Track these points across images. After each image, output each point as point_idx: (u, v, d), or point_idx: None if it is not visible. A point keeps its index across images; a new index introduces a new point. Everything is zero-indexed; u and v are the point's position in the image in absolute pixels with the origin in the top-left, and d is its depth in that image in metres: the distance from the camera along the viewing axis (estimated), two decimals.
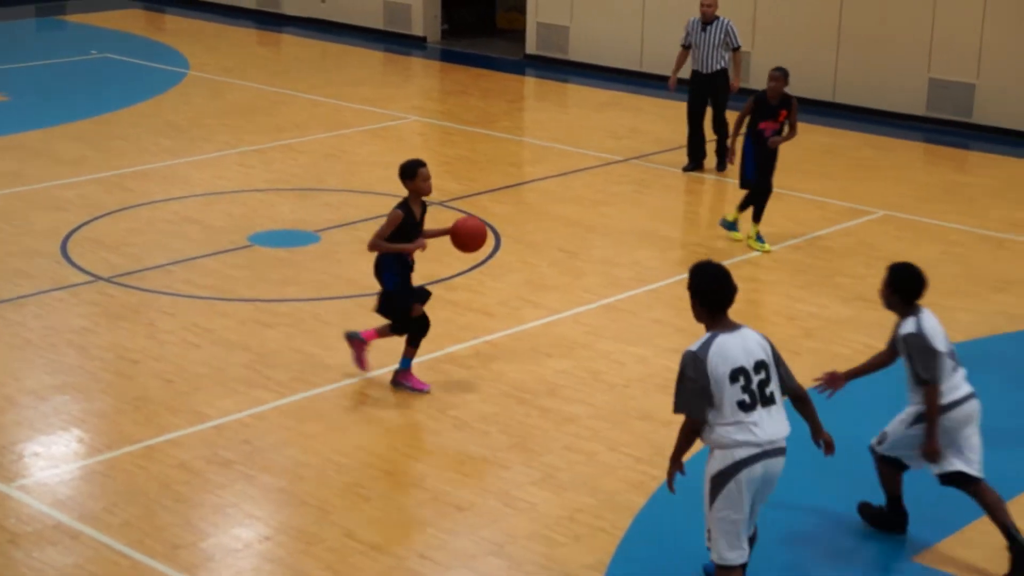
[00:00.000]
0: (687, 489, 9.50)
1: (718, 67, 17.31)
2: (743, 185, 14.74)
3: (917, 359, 8.42)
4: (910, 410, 8.60)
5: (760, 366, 7.54)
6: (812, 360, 11.72)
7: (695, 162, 17.62)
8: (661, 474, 9.65)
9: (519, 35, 25.42)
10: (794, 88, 21.09)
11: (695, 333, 12.32)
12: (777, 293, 13.37)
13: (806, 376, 11.28)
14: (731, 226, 14.85)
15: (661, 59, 22.71)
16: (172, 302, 12.82)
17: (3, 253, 14.10)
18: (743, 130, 14.64)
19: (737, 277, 13.76)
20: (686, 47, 17.48)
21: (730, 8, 21.87)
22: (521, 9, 25.32)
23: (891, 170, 17.91)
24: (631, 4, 23.09)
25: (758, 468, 7.49)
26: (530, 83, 23.73)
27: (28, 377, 11.25)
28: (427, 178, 10.80)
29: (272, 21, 27.87)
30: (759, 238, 14.69)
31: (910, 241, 15.03)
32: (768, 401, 7.52)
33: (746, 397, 7.47)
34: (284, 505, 9.33)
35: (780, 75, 14.42)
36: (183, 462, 9.83)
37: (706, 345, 7.57)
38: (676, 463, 7.78)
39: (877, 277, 13.61)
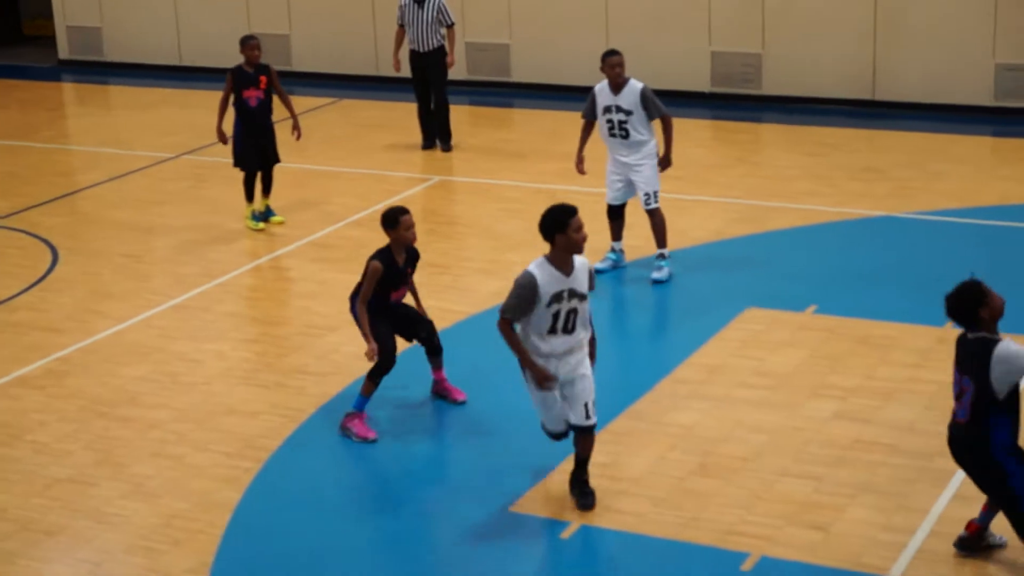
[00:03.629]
0: (284, 477, 9.49)
1: (434, 45, 17.24)
2: (236, 163, 14.81)
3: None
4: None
5: None
6: None
7: (428, 140, 17.62)
8: (253, 466, 9.61)
9: (49, 41, 24.61)
10: (337, 65, 21.37)
11: (269, 322, 12.35)
12: (346, 271, 13.41)
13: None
14: (264, 216, 14.89)
15: (200, 51, 22.48)
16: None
17: None
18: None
19: (301, 259, 13.83)
20: (401, 26, 17.33)
21: None
22: (48, 14, 24.50)
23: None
24: None
25: None
26: (68, 89, 23.03)
27: None
28: (410, 226, 9.86)
29: None
30: (262, 214, 14.86)
31: (469, 204, 15.39)
32: None
33: None
34: None
35: (257, 41, 14.65)
36: None
37: None
38: None
39: (441, 242, 13.98)
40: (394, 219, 9.81)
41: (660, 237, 12.75)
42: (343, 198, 15.66)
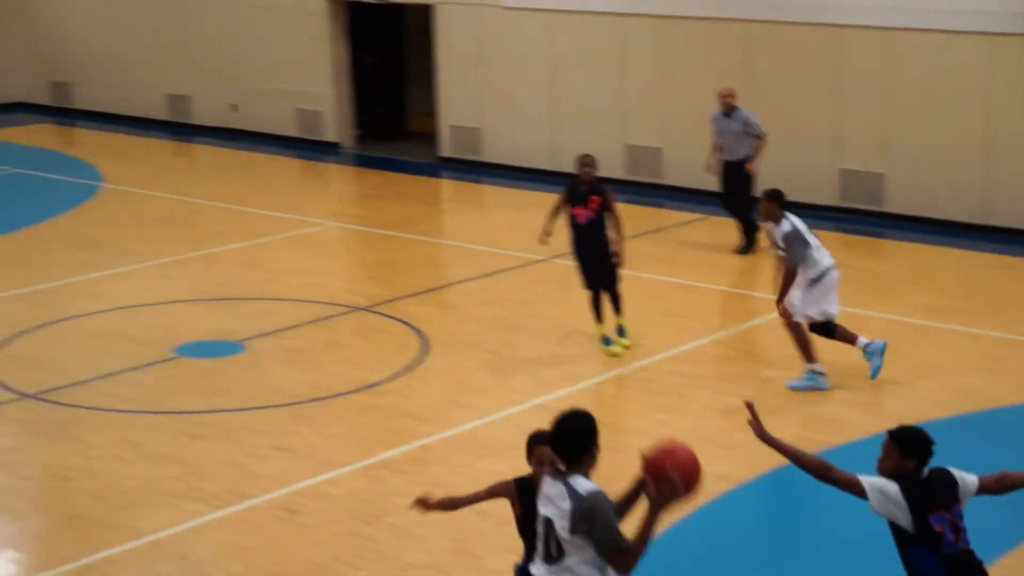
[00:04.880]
0: None
1: (741, 155, 18.18)
2: (584, 282, 14.52)
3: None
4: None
5: None
6: (746, 452, 11.78)
7: (747, 244, 18.56)
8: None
9: (431, 138, 25.58)
10: (707, 182, 21.44)
11: (624, 429, 12.41)
12: (706, 387, 13.44)
13: (742, 470, 11.38)
14: (608, 341, 14.44)
15: (574, 158, 22.93)
16: (100, 417, 12.67)
17: None
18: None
19: (663, 372, 13.89)
20: (716, 137, 18.56)
21: (641, 101, 22.19)
22: (432, 112, 25.50)
23: None
24: (540, 105, 23.32)
25: None
26: (445, 185, 23.86)
27: None
28: (543, 461, 7.67)
29: (184, 131, 27.88)
30: (620, 331, 14.47)
31: None
32: None
33: None
34: None
35: (590, 160, 14.40)
36: None
37: None
38: None
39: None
40: (529, 450, 8.07)
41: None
42: (705, 314, 15.69)
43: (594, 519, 6.64)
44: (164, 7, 28.22)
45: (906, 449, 7.43)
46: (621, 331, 14.52)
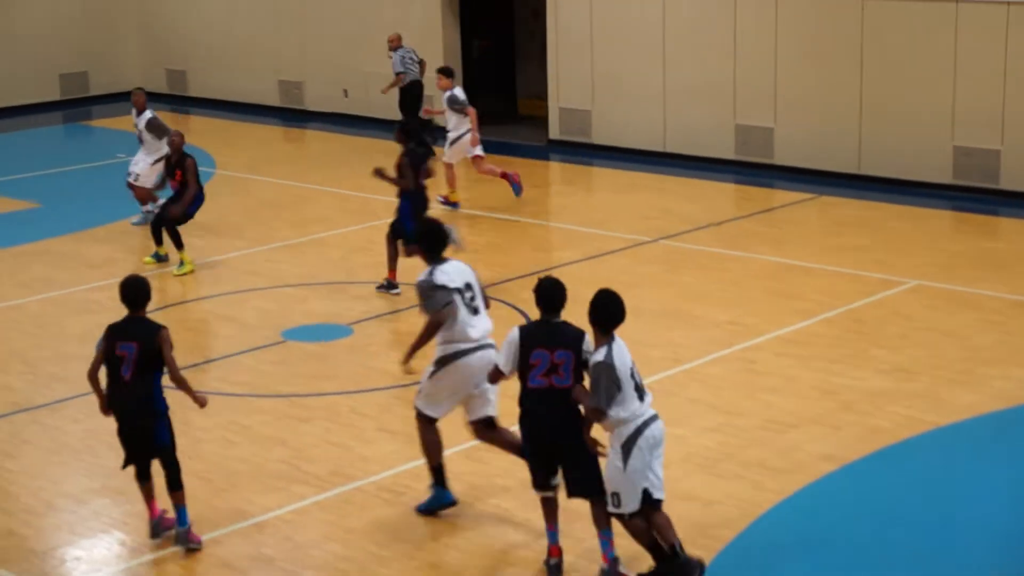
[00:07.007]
0: (737, 570, 9.41)
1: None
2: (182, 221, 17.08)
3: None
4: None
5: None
6: (853, 432, 11.65)
7: None
8: (704, 553, 9.58)
9: (542, 121, 25.55)
10: (819, 161, 21.25)
11: (732, 412, 12.32)
12: (812, 368, 13.30)
13: (847, 451, 11.25)
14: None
15: (684, 140, 22.83)
16: (208, 400, 12.80)
17: (38, 358, 14.18)
18: None
19: (769, 353, 13.75)
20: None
21: (752, 81, 22.01)
22: (543, 95, 25.48)
23: (921, 239, 17.86)
24: (651, 87, 23.21)
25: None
26: (554, 168, 23.82)
27: (67, 481, 11.26)
28: None
29: (295, 117, 28.13)
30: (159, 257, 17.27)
31: (945, 310, 14.96)
32: None
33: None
34: None
35: (178, 134, 16.87)
36: (226, 561, 9.81)
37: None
38: None
39: (914, 348, 13.65)
40: None
41: None
42: (816, 295, 15.50)
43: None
44: None
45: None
46: (159, 257, 17.32)
